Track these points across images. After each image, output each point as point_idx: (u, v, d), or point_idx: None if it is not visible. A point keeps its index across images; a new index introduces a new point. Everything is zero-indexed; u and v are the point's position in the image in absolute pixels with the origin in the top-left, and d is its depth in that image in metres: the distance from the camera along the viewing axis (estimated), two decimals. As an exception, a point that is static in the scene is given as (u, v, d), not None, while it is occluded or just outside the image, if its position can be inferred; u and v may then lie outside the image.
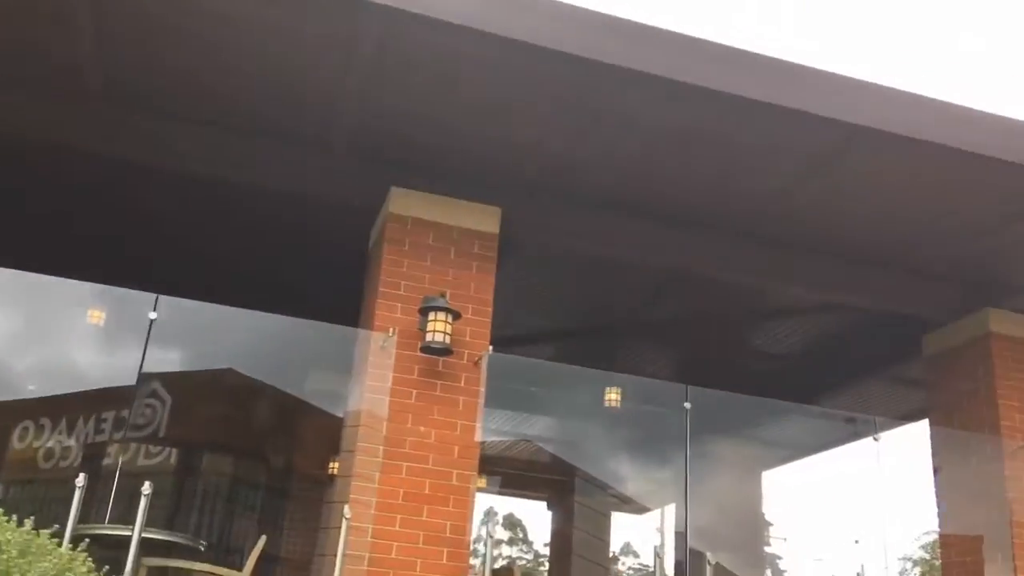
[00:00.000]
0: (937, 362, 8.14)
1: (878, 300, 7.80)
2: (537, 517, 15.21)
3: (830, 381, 9.82)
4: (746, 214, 6.85)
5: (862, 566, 8.96)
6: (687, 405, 6.92)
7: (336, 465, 7.01)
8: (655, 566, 5.82)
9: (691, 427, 10.13)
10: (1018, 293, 7.48)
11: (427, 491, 5.82)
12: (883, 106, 5.73)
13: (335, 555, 5.30)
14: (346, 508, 5.10)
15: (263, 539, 5.50)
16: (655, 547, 5.90)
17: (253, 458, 10.12)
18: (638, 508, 14.85)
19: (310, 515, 8.64)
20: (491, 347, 6.20)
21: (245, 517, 9.89)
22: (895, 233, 6.97)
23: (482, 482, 13.08)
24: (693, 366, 9.82)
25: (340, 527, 5.22)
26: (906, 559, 12.62)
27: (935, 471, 8.10)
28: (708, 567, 5.98)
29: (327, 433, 6.52)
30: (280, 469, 10.32)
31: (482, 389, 6.23)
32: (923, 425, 8.59)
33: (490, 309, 6.41)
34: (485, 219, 6.60)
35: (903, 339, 8.33)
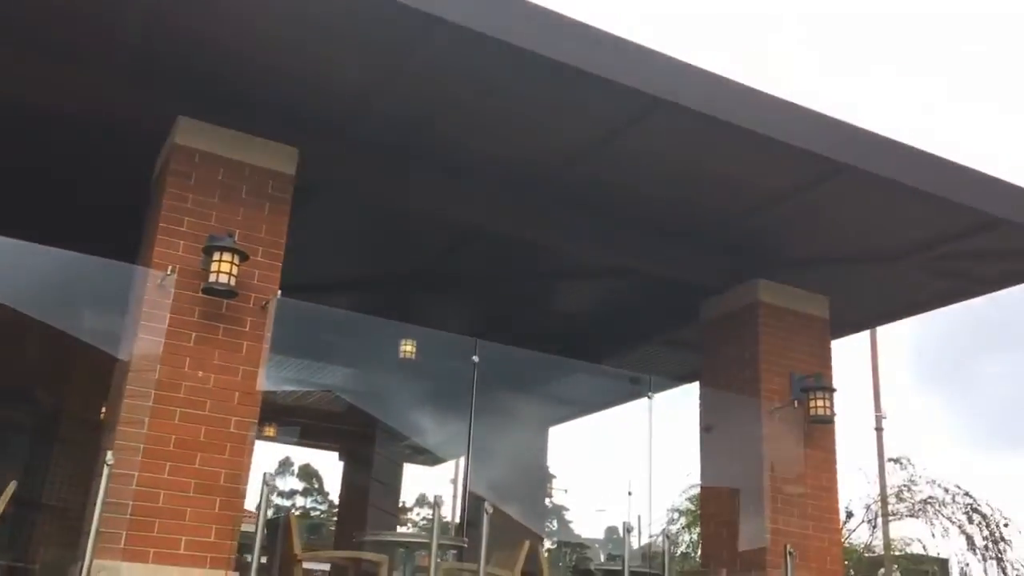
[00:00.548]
0: (711, 327, 8.69)
1: (662, 266, 8.21)
2: (334, 468, 15.09)
3: (616, 342, 10.28)
4: (544, 174, 7.00)
5: (639, 517, 9.55)
6: (475, 359, 7.02)
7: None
8: (434, 516, 5.90)
9: (483, 382, 10.32)
10: (785, 266, 8.09)
11: (202, 438, 5.60)
12: (679, 80, 5.98)
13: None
14: (109, 454, 4.82)
15: (12, 484, 5.10)
16: (435, 496, 5.96)
17: (17, 399, 9.38)
18: (432, 459, 15.05)
19: (81, 461, 8.13)
20: (280, 292, 6.01)
21: (3, 462, 9.19)
22: (681, 204, 7.35)
23: (271, 431, 12.83)
24: (487, 321, 9.98)
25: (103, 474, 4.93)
26: (673, 510, 13.56)
27: (703, 430, 8.70)
28: (485, 516, 6.14)
29: (104, 375, 6.11)
30: (49, 411, 9.63)
31: (268, 334, 6.04)
32: (695, 386, 9.21)
33: (281, 252, 6.21)
34: (281, 159, 6.36)
35: (684, 305, 8.84)
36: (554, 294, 9.56)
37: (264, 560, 6.53)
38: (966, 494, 14.04)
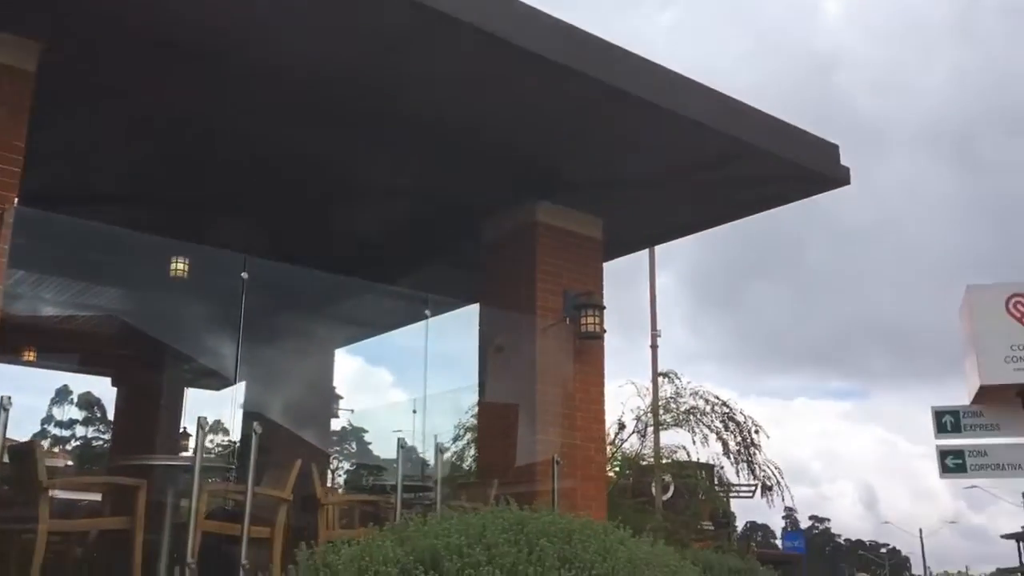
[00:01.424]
0: (492, 248, 8.85)
1: (446, 187, 8.24)
2: (113, 394, 14.26)
3: (401, 262, 10.25)
4: (324, 90, 6.73)
5: (435, 437, 9.73)
6: (244, 275, 6.77)
7: None
8: (197, 439, 5.71)
9: (264, 302, 10.03)
10: (563, 188, 8.33)
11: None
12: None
13: None
14: None
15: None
16: (199, 419, 5.76)
17: None
18: (219, 383, 14.55)
19: None
20: (16, 200, 5.49)
21: None
22: (464, 125, 7.34)
23: (30, 355, 11.91)
24: (270, 239, 9.60)
25: None
26: (459, 427, 13.92)
27: (487, 348, 8.91)
28: (254, 436, 6.02)
29: None
30: None
31: (5, 247, 5.54)
32: (476, 306, 9.39)
33: (20, 158, 5.66)
34: (19, 54, 5.76)
35: (467, 226, 8.93)
36: (337, 213, 9.36)
37: (8, 490, 6.12)
38: (724, 404, 15.34)
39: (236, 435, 11.66)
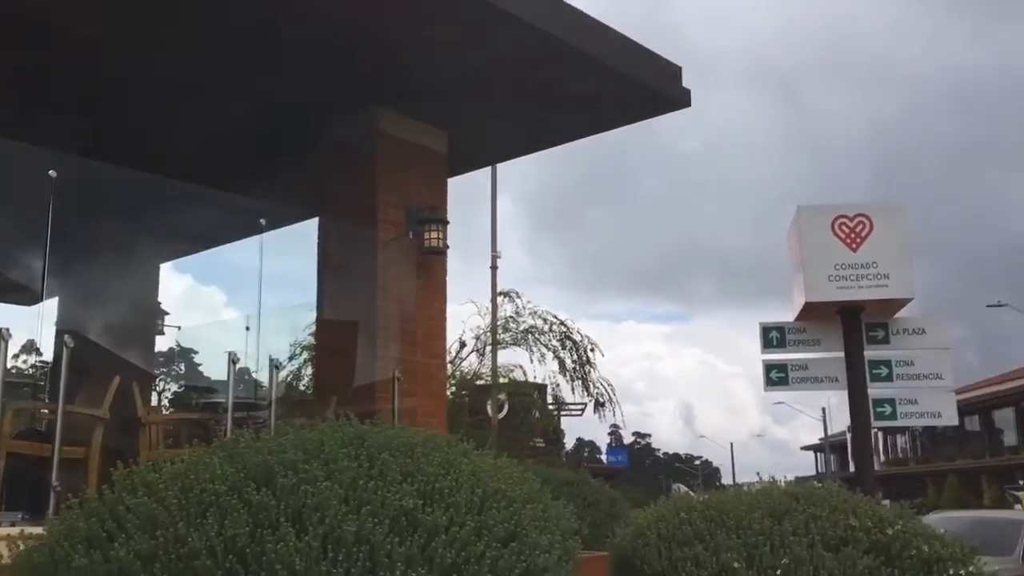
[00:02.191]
0: (332, 157, 8.43)
1: (285, 90, 7.71)
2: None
3: (235, 170, 9.63)
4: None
5: (269, 357, 9.31)
6: (52, 173, 6.11)
7: None
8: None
9: (85, 209, 9.21)
10: (405, 97, 7.98)
11: None
12: None
13: None
14: None
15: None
16: (3, 330, 5.22)
17: None
18: (29, 297, 13.40)
19: None
20: None
21: None
22: (303, 23, 6.84)
23: None
24: (92, 138, 8.77)
25: None
26: (296, 345, 13.55)
27: (325, 263, 8.57)
28: (65, 351, 5.54)
29: None
30: None
31: None
32: (315, 220, 9.00)
33: None
34: None
35: (305, 133, 8.44)
36: (161, 113, 8.63)
37: None
38: (562, 323, 15.67)
39: (49, 354, 10.83)
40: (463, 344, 15.46)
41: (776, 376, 7.23)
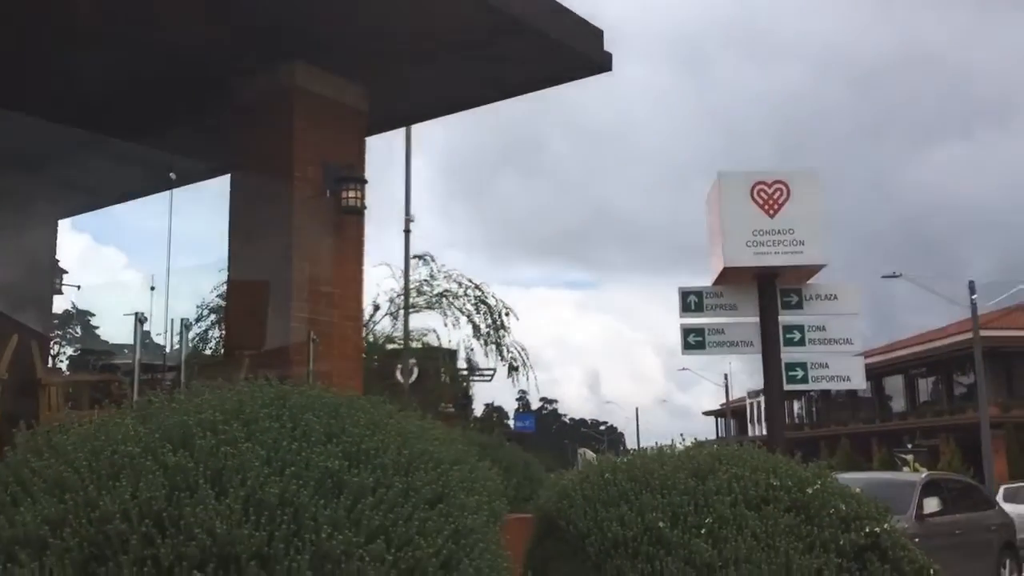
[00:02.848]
0: (245, 112, 8.10)
1: (194, 42, 7.34)
2: None
3: (142, 123, 9.18)
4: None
5: (182, 318, 8.95)
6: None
7: None
8: None
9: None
10: (324, 50, 7.70)
11: None
12: None
13: None
14: None
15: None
16: None
17: None
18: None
19: None
20: None
21: None
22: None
23: None
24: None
25: None
26: (204, 306, 13.12)
27: (235, 221, 8.26)
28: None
29: None
30: None
31: None
32: (227, 178, 8.66)
33: None
34: None
35: (217, 86, 8.07)
36: (66, 62, 8.12)
37: None
38: (476, 287, 15.60)
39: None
40: (377, 307, 15.26)
41: (693, 340, 7.34)
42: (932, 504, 11.29)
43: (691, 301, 7.33)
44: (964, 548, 11.60)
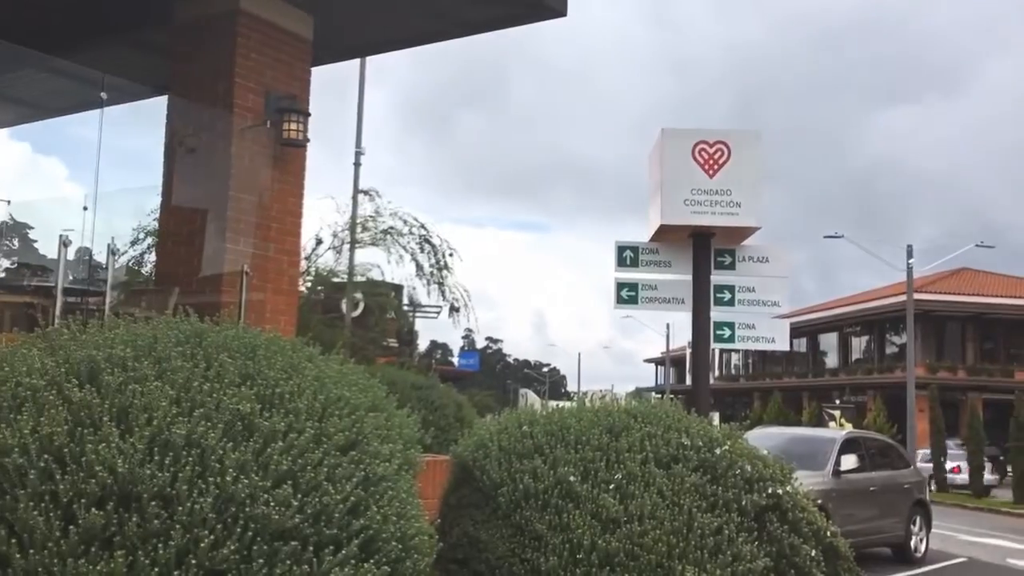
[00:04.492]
0: (185, 32, 7.84)
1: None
2: None
3: (76, 36, 8.84)
4: None
5: (112, 239, 8.73)
6: None
7: None
8: None
9: None
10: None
11: None
12: None
13: None
14: None
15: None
16: None
17: None
18: None
19: None
20: None
21: None
22: None
23: None
24: None
25: None
26: (139, 230, 12.80)
27: (172, 144, 8.04)
28: None
29: None
30: None
31: None
32: (164, 98, 8.40)
33: None
34: None
35: (158, 3, 7.80)
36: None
37: None
38: (422, 226, 15.47)
39: None
40: (319, 241, 15.07)
41: (627, 295, 7.41)
42: (850, 461, 11.72)
43: (627, 256, 7.38)
44: (878, 504, 12.10)
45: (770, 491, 3.93)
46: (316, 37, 8.16)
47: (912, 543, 12.55)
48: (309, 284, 15.36)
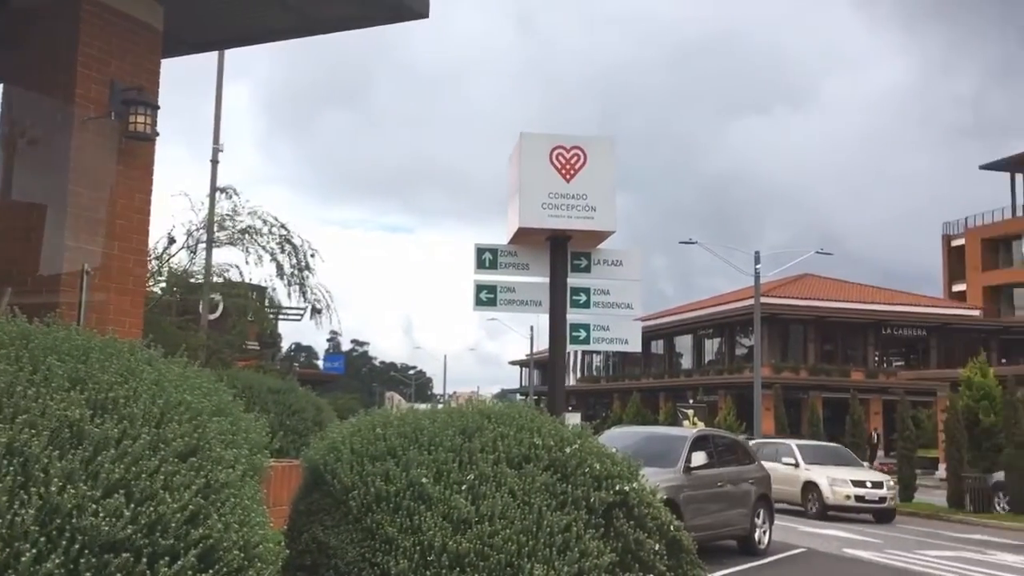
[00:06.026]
0: (22, 16, 7.38)
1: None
2: None
3: None
4: None
5: None
6: None
7: None
8: None
9: None
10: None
11: None
12: None
13: None
14: None
15: None
16: None
17: None
18: None
19: None
20: None
21: None
22: None
23: None
24: None
25: None
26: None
27: (6, 134, 7.55)
28: None
29: None
30: None
31: None
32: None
33: None
34: None
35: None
36: None
37: None
38: (282, 226, 15.10)
39: None
40: (172, 240, 14.48)
41: (486, 296, 7.46)
42: (700, 458, 12.23)
43: (486, 258, 7.44)
44: (726, 498, 12.67)
45: (617, 488, 4.04)
46: (168, 28, 7.84)
47: (756, 535, 13.20)
48: (163, 285, 14.74)
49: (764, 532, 13.46)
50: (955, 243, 60.55)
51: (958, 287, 59.10)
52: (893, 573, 11.86)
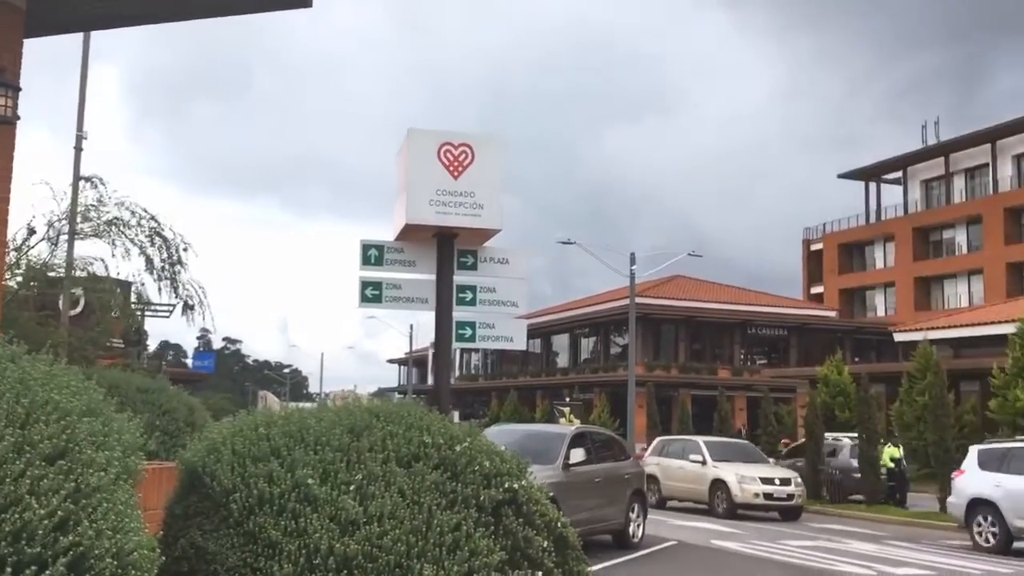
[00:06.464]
0: None
1: None
2: None
3: None
4: None
5: None
6: None
7: None
8: None
9: None
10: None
11: None
12: None
13: None
14: None
15: None
16: None
17: None
18: None
19: None
20: None
21: None
22: None
23: None
24: None
25: None
26: None
27: None
28: None
29: None
30: None
31: None
32: None
33: None
34: None
35: None
36: None
37: None
38: (152, 218, 14.41)
39: None
40: (32, 231, 13.62)
41: (371, 293, 7.34)
42: (578, 455, 12.42)
43: (372, 254, 7.32)
44: (603, 494, 12.90)
45: (507, 486, 4.03)
46: (32, 6, 7.36)
47: (631, 529, 13.50)
48: (20, 278, 13.84)
49: (638, 526, 13.78)
50: (814, 248, 63.75)
51: (816, 289, 62.27)
52: (756, 562, 12.36)
